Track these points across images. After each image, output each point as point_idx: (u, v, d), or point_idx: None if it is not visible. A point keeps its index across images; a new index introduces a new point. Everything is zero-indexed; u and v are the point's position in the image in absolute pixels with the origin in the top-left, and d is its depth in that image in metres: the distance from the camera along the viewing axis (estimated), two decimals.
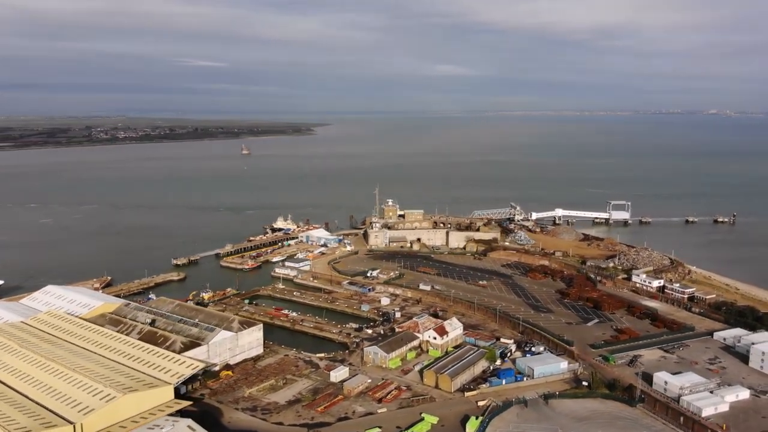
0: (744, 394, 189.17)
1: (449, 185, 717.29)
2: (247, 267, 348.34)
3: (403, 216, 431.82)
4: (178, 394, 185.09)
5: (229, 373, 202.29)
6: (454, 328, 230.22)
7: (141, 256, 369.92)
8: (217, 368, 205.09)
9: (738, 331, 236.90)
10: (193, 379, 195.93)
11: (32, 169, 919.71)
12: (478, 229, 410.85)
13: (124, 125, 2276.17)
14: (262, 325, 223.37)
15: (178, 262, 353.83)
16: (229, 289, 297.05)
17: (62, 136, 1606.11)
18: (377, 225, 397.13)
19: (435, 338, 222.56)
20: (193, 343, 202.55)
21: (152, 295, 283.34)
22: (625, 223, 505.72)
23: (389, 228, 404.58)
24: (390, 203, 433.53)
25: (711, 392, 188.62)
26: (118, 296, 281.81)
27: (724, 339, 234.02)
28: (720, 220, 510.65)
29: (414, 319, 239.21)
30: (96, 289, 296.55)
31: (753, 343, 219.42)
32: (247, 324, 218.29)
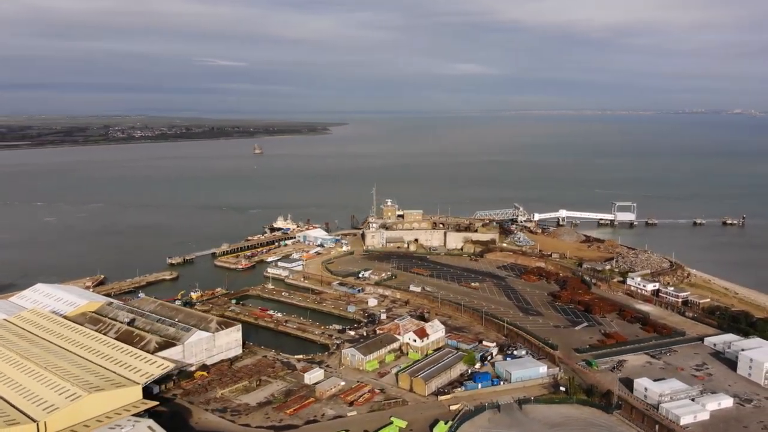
0: (727, 402, 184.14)
1: (456, 185, 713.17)
2: (240, 267, 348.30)
3: (402, 216, 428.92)
4: (150, 394, 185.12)
5: (204, 373, 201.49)
6: (436, 331, 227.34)
7: (138, 254, 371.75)
8: (193, 368, 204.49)
9: (729, 337, 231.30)
10: (167, 379, 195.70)
11: (45, 167, 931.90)
12: (475, 230, 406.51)
13: (143, 124, 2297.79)
14: (240, 325, 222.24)
15: (173, 261, 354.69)
16: (218, 289, 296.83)
17: (79, 135, 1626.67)
18: (374, 225, 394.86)
19: (415, 341, 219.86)
20: (168, 343, 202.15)
21: (141, 294, 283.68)
22: (630, 224, 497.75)
23: (387, 228, 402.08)
24: (389, 203, 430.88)
25: (692, 400, 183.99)
26: (108, 295, 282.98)
27: (714, 345, 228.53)
28: (729, 222, 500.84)
29: (395, 321, 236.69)
30: (87, 287, 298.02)
31: (743, 350, 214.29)
32: (225, 325, 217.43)
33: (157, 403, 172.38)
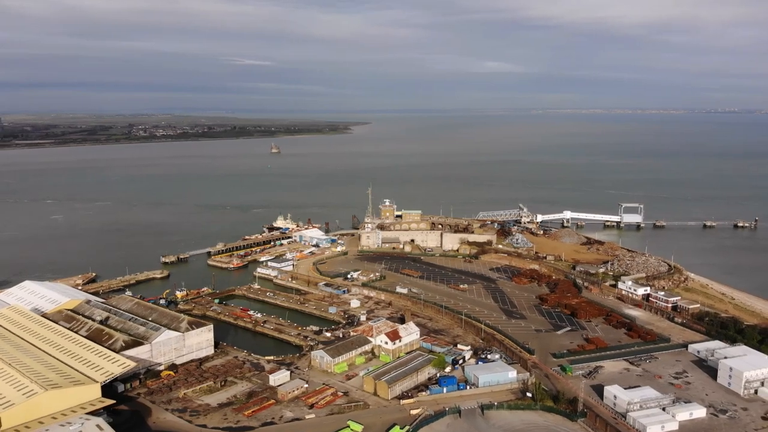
0: (700, 412, 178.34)
1: (466, 185, 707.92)
2: (232, 266, 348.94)
3: (400, 216, 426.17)
4: (114, 393, 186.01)
5: (171, 373, 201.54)
6: (410, 333, 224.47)
7: (134, 252, 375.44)
8: (161, 368, 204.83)
9: (714, 344, 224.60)
10: (133, 377, 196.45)
11: (62, 165, 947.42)
12: (472, 232, 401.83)
13: (168, 123, 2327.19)
14: (212, 326, 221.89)
15: (167, 260, 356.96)
16: (205, 289, 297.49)
17: (102, 134, 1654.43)
18: (369, 226, 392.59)
19: (386, 343, 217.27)
20: (135, 342, 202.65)
21: (128, 292, 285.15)
22: (637, 226, 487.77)
23: (383, 229, 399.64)
24: (387, 203, 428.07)
25: (663, 409, 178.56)
26: (96, 293, 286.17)
27: (698, 352, 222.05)
28: (741, 224, 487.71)
29: (369, 322, 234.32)
30: (77, 285, 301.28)
31: (725, 358, 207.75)
32: (196, 325, 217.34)
33: (113, 401, 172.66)
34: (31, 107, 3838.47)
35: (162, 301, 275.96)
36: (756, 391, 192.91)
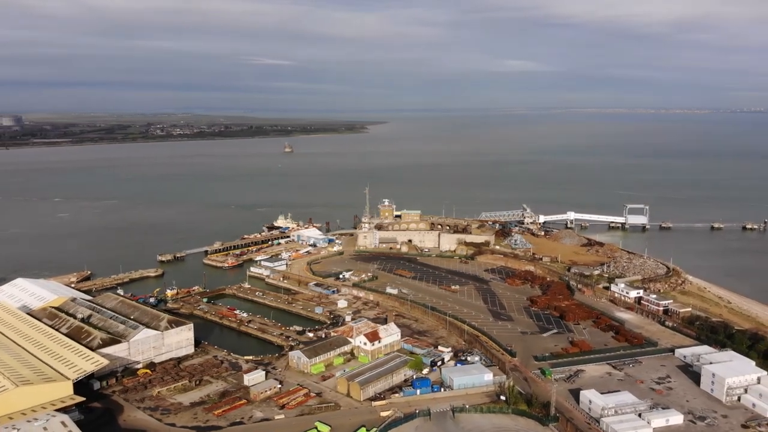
0: (677, 419, 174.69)
1: (474, 185, 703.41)
2: (227, 265, 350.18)
3: (399, 216, 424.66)
4: (90, 390, 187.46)
5: (148, 371, 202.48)
6: (390, 334, 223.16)
7: (132, 251, 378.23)
8: (139, 366, 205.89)
9: (702, 349, 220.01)
10: (111, 375, 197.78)
11: (75, 164, 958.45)
12: (470, 232, 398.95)
13: (186, 122, 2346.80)
14: (192, 325, 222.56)
15: (163, 259, 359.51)
16: (196, 287, 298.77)
17: (120, 133, 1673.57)
18: (366, 226, 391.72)
19: (365, 344, 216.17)
20: (113, 340, 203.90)
21: (120, 291, 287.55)
22: (643, 228, 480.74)
23: (380, 229, 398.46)
24: (386, 203, 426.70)
25: (639, 415, 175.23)
26: (89, 291, 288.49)
27: (685, 357, 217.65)
28: (749, 226, 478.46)
29: (350, 323, 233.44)
30: (71, 282, 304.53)
31: (710, 363, 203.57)
32: (176, 323, 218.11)
33: (83, 398, 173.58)
34: (53, 106, 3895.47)
35: (152, 300, 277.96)
36: (739, 398, 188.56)
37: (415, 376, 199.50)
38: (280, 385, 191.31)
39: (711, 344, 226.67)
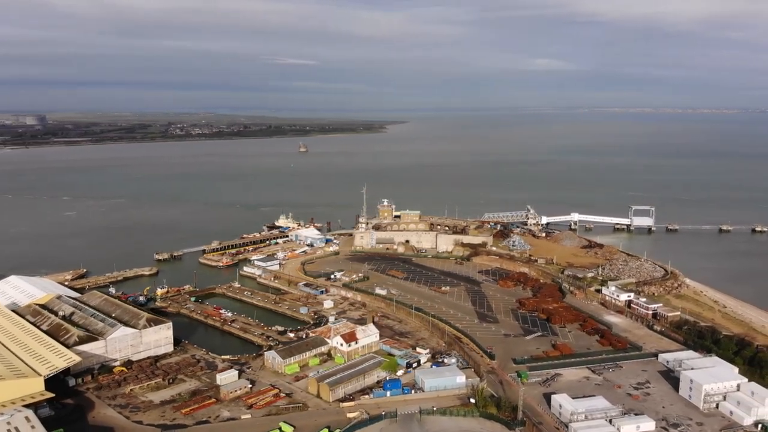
0: (648, 425, 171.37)
1: (483, 186, 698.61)
2: (221, 264, 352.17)
3: (398, 217, 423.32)
4: (66, 387, 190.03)
5: (123, 369, 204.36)
6: (368, 335, 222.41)
7: (130, 249, 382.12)
8: (116, 364, 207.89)
9: (685, 354, 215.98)
10: (87, 372, 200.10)
11: (89, 163, 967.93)
12: (468, 233, 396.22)
13: (207, 122, 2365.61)
14: (171, 323, 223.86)
15: (160, 257, 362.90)
16: (186, 286, 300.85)
17: (139, 132, 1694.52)
18: (363, 226, 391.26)
19: (342, 345, 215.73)
20: (90, 338, 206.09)
21: (111, 290, 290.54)
22: (649, 230, 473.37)
23: (378, 229, 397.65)
24: (385, 203, 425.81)
25: (609, 421, 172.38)
26: (82, 289, 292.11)
27: (667, 362, 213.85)
28: (759, 229, 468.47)
29: (329, 323, 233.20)
30: (66, 280, 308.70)
31: (692, 368, 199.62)
32: (155, 322, 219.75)
33: (52, 394, 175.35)
34: (78, 105, 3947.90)
35: (141, 298, 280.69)
36: (717, 405, 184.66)
37: (388, 378, 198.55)
38: (251, 385, 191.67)
39: (697, 349, 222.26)
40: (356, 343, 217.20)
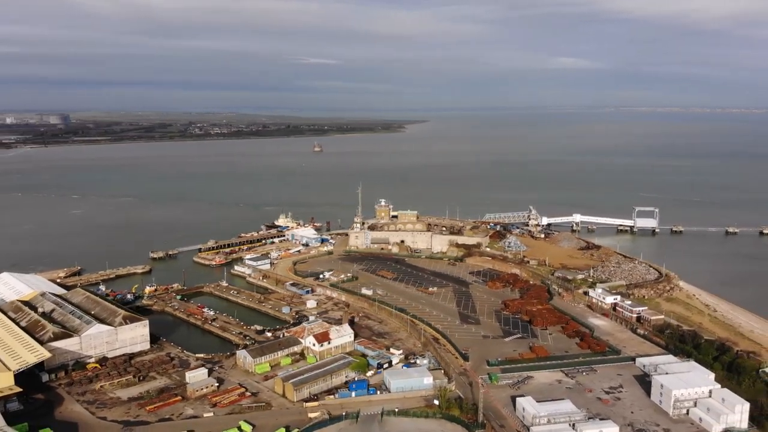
0: (612, 430, 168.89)
1: (489, 186, 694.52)
2: (214, 263, 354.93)
3: (396, 217, 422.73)
4: (39, 382, 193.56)
5: (97, 365, 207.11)
6: (341, 336, 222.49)
7: (128, 248, 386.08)
8: (91, 360, 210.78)
9: (664, 358, 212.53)
10: (61, 368, 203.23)
11: (105, 161, 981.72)
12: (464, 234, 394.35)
13: (228, 121, 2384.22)
14: (147, 321, 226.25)
15: (155, 256, 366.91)
16: (175, 285, 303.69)
17: (159, 131, 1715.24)
18: (358, 225, 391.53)
19: (314, 345, 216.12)
20: (65, 334, 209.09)
21: (101, 288, 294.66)
22: (653, 231, 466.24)
23: (374, 229, 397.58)
24: (383, 203, 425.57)
25: (572, 426, 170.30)
26: (73, 286, 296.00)
27: (644, 366, 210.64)
28: (766, 231, 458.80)
29: (303, 323, 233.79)
30: (59, 278, 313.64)
31: (666, 373, 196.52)
32: (131, 319, 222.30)
33: (20, 389, 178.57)
34: (102, 105, 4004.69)
35: (129, 296, 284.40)
36: (688, 412, 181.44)
37: (356, 378, 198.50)
38: (218, 384, 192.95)
39: (677, 354, 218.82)
40: (329, 343, 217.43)
